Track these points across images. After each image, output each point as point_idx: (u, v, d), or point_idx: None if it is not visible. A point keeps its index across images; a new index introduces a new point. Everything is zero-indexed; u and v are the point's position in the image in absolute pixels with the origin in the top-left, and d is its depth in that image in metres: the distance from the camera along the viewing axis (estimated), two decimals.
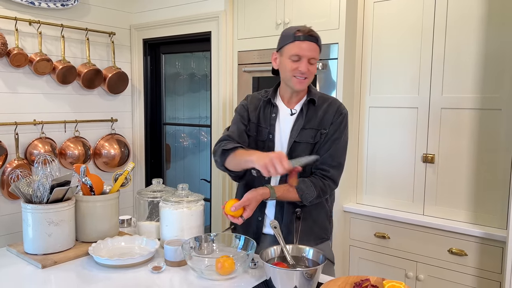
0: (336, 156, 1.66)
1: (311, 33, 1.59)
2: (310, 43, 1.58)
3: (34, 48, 2.93)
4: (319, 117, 1.66)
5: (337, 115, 1.66)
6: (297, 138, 1.65)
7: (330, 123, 1.65)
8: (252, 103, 1.78)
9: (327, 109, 1.67)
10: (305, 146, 1.65)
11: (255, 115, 1.74)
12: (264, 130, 1.71)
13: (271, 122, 1.71)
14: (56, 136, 3.08)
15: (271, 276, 1.34)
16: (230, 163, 1.62)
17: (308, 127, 1.66)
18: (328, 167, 1.65)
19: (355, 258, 2.60)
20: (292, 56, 1.59)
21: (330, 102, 1.69)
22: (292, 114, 1.70)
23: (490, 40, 2.16)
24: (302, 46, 1.57)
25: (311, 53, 1.58)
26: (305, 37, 1.57)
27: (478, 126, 2.23)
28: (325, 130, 1.65)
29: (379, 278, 1.31)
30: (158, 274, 1.50)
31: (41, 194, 1.62)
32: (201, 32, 3.09)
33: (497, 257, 2.12)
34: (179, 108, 3.76)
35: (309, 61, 1.59)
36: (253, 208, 1.55)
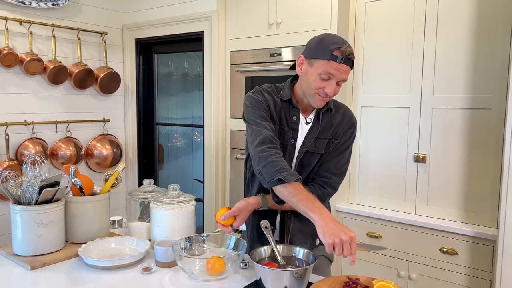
0: (340, 165, 1.62)
1: (349, 57, 1.44)
2: (346, 67, 1.44)
3: (25, 48, 2.90)
4: (334, 127, 1.59)
5: (349, 125, 1.61)
6: (310, 147, 1.57)
7: (342, 133, 1.60)
8: (270, 99, 1.57)
9: (341, 118, 1.60)
10: (316, 156, 1.59)
11: (276, 114, 1.57)
12: (287, 133, 1.58)
13: (293, 126, 1.58)
14: (48, 137, 3.05)
15: (261, 276, 1.34)
16: (281, 192, 1.43)
17: (322, 137, 1.58)
18: (331, 174, 1.60)
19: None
20: (323, 74, 1.44)
21: (344, 112, 1.62)
22: (307, 123, 1.59)
23: (481, 40, 2.18)
24: (337, 68, 1.43)
25: (344, 76, 1.46)
26: (341, 59, 1.42)
27: (469, 126, 2.24)
28: (336, 140, 1.59)
29: (369, 278, 1.31)
30: (149, 275, 1.49)
31: (30, 195, 1.61)
32: (194, 32, 3.09)
33: (487, 256, 2.13)
34: (172, 108, 3.75)
35: (337, 83, 1.48)
36: (244, 218, 1.54)
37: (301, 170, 1.60)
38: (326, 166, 1.60)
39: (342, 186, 2.64)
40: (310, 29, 2.53)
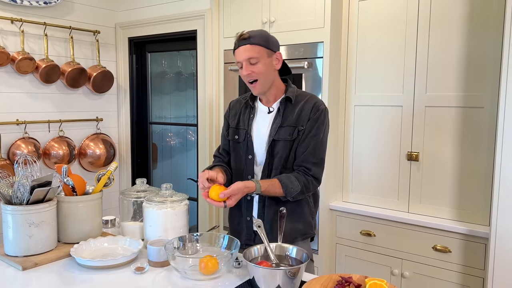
0: (317, 153, 1.67)
1: (242, 37, 1.61)
2: (244, 46, 1.61)
3: (17, 46, 2.88)
4: (296, 114, 1.67)
5: (313, 111, 1.66)
6: (275, 136, 1.67)
7: (307, 119, 1.66)
8: (234, 109, 1.84)
9: (304, 106, 1.68)
10: (284, 143, 1.67)
11: (234, 119, 1.80)
12: (242, 131, 1.75)
13: (249, 122, 1.74)
14: (40, 136, 3.03)
15: (255, 276, 1.34)
16: None
17: (286, 125, 1.67)
18: (310, 165, 1.66)
19: (342, 256, 2.61)
20: (237, 64, 1.66)
21: (307, 99, 1.70)
22: (269, 112, 1.72)
23: (473, 39, 2.19)
24: (237, 52, 1.63)
25: (246, 54, 1.60)
26: (238, 44, 1.62)
27: (461, 124, 2.25)
28: (302, 127, 1.66)
29: (362, 276, 1.32)
30: (141, 275, 1.49)
31: (21, 195, 1.59)
32: (187, 31, 3.08)
33: (480, 254, 2.14)
34: (166, 107, 3.74)
35: (249, 62, 1.61)
36: (238, 198, 1.57)
37: (272, 160, 1.69)
38: (304, 157, 1.66)
39: (336, 184, 2.65)
40: (303, 28, 2.53)
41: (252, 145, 1.73)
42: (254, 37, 1.61)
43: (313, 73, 2.52)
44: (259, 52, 1.61)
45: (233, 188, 1.55)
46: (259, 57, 1.61)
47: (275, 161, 1.68)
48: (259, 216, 1.73)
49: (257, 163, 1.73)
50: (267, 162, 1.69)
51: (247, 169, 1.75)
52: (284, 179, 1.63)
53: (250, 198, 1.75)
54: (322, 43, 2.46)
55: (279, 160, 1.68)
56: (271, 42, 1.65)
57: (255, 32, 1.63)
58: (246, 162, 1.75)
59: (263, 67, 1.62)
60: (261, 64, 1.61)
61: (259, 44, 1.61)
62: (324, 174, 2.49)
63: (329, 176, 2.57)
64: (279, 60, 1.68)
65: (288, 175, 1.64)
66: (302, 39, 2.54)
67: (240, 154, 1.77)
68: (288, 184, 1.62)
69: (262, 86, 1.65)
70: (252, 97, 1.78)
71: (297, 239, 1.70)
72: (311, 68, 2.52)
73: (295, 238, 1.69)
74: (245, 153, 1.75)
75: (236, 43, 1.63)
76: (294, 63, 2.55)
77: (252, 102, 1.77)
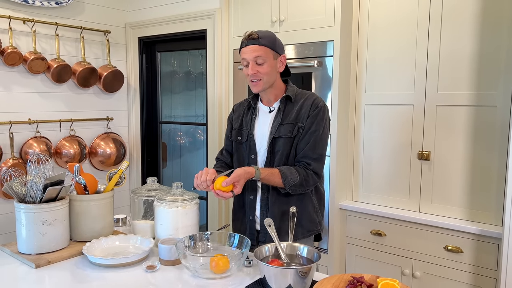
0: (316, 148, 1.69)
1: (251, 36, 1.64)
2: (252, 46, 1.63)
3: (28, 46, 2.91)
4: (296, 112, 1.70)
5: (313, 108, 1.69)
6: (276, 133, 1.70)
7: (307, 116, 1.69)
8: (237, 111, 1.89)
9: (303, 103, 1.71)
10: (284, 140, 1.70)
11: (238, 121, 1.84)
12: (244, 132, 1.80)
13: (251, 123, 1.79)
14: (52, 135, 3.06)
15: (265, 274, 1.34)
16: None
17: (286, 122, 1.70)
18: (310, 160, 1.68)
19: (352, 255, 2.59)
20: (243, 62, 1.68)
21: (307, 97, 1.73)
22: (270, 111, 1.76)
23: (485, 36, 2.16)
24: (244, 51, 1.66)
25: (253, 54, 1.63)
26: (246, 42, 1.65)
27: (473, 123, 2.23)
28: (302, 124, 1.69)
29: (374, 276, 1.31)
30: (153, 273, 1.49)
31: (34, 193, 1.61)
32: (197, 30, 3.08)
33: (492, 254, 2.12)
34: (175, 106, 3.75)
35: (256, 62, 1.64)
36: (242, 184, 1.60)
37: (273, 157, 1.72)
38: (304, 152, 1.68)
39: (346, 183, 2.64)
40: (313, 27, 2.52)
41: (254, 144, 1.77)
42: (263, 38, 1.64)
43: (323, 72, 2.51)
44: (266, 53, 1.64)
45: (234, 176, 1.59)
46: (266, 58, 1.64)
47: (276, 159, 1.72)
48: (262, 215, 1.75)
49: (259, 161, 1.76)
50: (268, 159, 1.73)
51: None
52: (284, 169, 1.66)
53: (253, 198, 1.77)
54: (332, 41, 2.45)
55: (280, 158, 1.71)
56: (277, 44, 1.69)
57: (264, 33, 1.65)
58: (249, 162, 1.78)
59: (268, 68, 1.65)
60: (267, 65, 1.65)
61: (267, 45, 1.64)
62: (334, 173, 2.51)
63: (339, 175, 2.56)
64: (283, 63, 1.73)
65: (289, 167, 1.68)
66: (311, 38, 2.53)
67: (243, 155, 1.81)
68: (287, 174, 1.64)
69: (264, 85, 1.69)
70: (253, 99, 1.82)
71: (298, 236, 1.70)
72: (321, 67, 2.51)
73: (298, 234, 1.70)
74: (248, 153, 1.78)
75: (244, 41, 1.66)
76: (303, 62, 2.55)
77: (254, 103, 1.81)
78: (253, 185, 1.77)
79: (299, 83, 2.59)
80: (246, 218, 1.81)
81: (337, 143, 2.50)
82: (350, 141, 2.64)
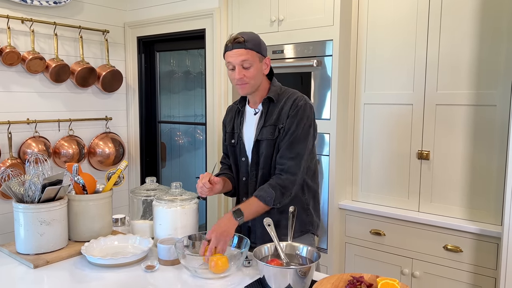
0: (293, 148, 1.66)
1: (237, 40, 1.61)
2: (238, 50, 1.61)
3: (27, 46, 2.90)
4: (277, 113, 1.69)
5: (292, 109, 1.67)
6: (259, 136, 1.70)
7: (287, 117, 1.67)
8: (229, 114, 1.88)
9: (284, 104, 1.70)
10: (267, 142, 1.69)
11: (230, 125, 1.85)
12: (236, 134, 1.81)
13: (240, 126, 1.80)
14: (50, 135, 3.05)
15: (265, 274, 1.33)
16: None
17: (268, 124, 1.69)
18: (285, 160, 1.65)
19: (351, 255, 2.59)
20: (228, 65, 1.66)
21: (288, 97, 1.71)
22: (255, 113, 1.76)
23: (485, 36, 2.16)
24: (230, 54, 1.63)
25: (240, 58, 1.60)
26: (232, 46, 1.62)
27: (473, 122, 2.22)
28: (282, 125, 1.67)
29: (373, 276, 1.30)
30: (152, 273, 1.49)
31: (32, 193, 1.61)
32: (196, 30, 3.08)
33: (492, 253, 2.12)
34: (174, 106, 3.74)
35: (243, 66, 1.62)
36: (226, 241, 1.54)
37: (258, 159, 1.72)
38: (281, 153, 1.67)
39: (345, 183, 2.64)
40: (312, 26, 2.51)
41: (244, 147, 1.77)
42: (248, 41, 1.62)
43: (322, 72, 2.51)
44: (253, 57, 1.63)
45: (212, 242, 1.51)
46: (252, 62, 1.63)
47: (261, 161, 1.71)
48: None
49: (249, 164, 1.76)
50: (254, 161, 1.73)
51: (241, 170, 1.79)
52: (258, 192, 1.63)
53: (245, 199, 1.75)
54: (332, 41, 2.45)
55: (265, 159, 1.70)
56: (262, 47, 1.68)
57: (249, 35, 1.64)
58: (240, 164, 1.79)
59: (254, 71, 1.64)
60: (253, 69, 1.64)
61: (253, 49, 1.63)
62: (333, 172, 2.51)
63: (339, 174, 2.55)
64: (268, 65, 1.72)
65: (261, 187, 1.65)
66: (311, 37, 2.53)
67: (235, 157, 1.82)
68: (262, 195, 1.61)
69: (251, 88, 1.68)
70: (241, 102, 1.82)
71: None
72: (320, 67, 2.50)
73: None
74: (239, 155, 1.79)
75: (230, 45, 1.63)
76: (303, 61, 2.54)
77: (241, 106, 1.81)
78: (245, 187, 1.76)
79: (298, 82, 2.59)
80: None
81: (337, 143, 2.50)
82: (349, 141, 2.64)
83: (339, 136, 2.52)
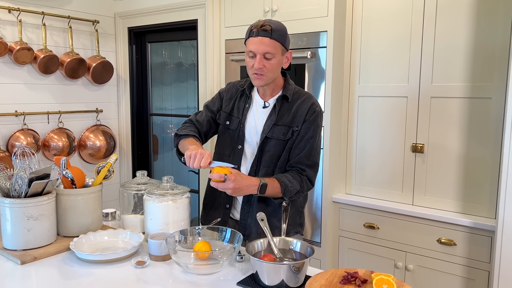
0: (311, 156, 1.64)
1: (263, 28, 1.53)
2: (263, 38, 1.53)
3: (14, 36, 2.83)
4: (292, 114, 1.64)
5: (310, 113, 1.63)
6: (269, 133, 1.64)
7: (303, 121, 1.63)
8: (230, 92, 1.78)
9: (300, 105, 1.64)
10: (276, 142, 1.64)
11: (229, 104, 1.75)
12: (235, 119, 1.72)
13: (244, 112, 1.71)
14: (39, 128, 3.00)
15: (258, 270, 1.31)
16: (180, 147, 1.72)
17: (280, 124, 1.64)
18: (304, 166, 1.63)
19: (345, 248, 2.58)
20: (248, 53, 1.58)
21: (304, 99, 1.66)
22: (265, 107, 1.68)
23: (481, 28, 2.13)
24: (253, 41, 1.55)
25: (263, 48, 1.53)
26: (257, 33, 1.54)
27: (468, 115, 2.21)
28: (297, 128, 1.63)
29: (368, 271, 1.28)
30: (142, 269, 1.46)
31: (19, 187, 1.56)
32: (188, 20, 3.02)
33: (486, 247, 2.11)
34: (166, 98, 3.69)
35: (264, 57, 1.54)
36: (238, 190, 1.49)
37: (262, 156, 1.66)
38: (298, 158, 1.62)
39: (339, 176, 2.62)
40: (306, 17, 2.47)
41: (243, 136, 1.70)
42: (275, 31, 1.54)
43: (316, 63, 2.47)
44: (276, 49, 1.56)
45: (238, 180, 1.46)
46: (275, 54, 1.56)
47: (264, 158, 1.66)
48: (243, 209, 1.71)
49: (246, 155, 1.71)
50: (257, 157, 1.67)
51: (234, 158, 1.72)
52: (282, 177, 1.58)
53: None
54: (326, 32, 2.41)
55: (270, 158, 1.65)
56: (287, 40, 1.60)
57: (276, 24, 1.56)
58: (234, 151, 1.72)
59: (275, 64, 1.57)
60: (275, 61, 1.57)
61: (279, 40, 1.55)
62: (327, 165, 2.48)
63: (332, 168, 2.53)
64: (289, 59, 1.65)
65: (285, 175, 1.60)
66: (305, 28, 2.49)
67: (229, 142, 1.74)
68: (287, 184, 1.57)
69: (267, 80, 1.61)
70: (249, 86, 1.73)
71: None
72: (314, 58, 2.47)
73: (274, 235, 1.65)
74: (236, 142, 1.72)
75: (255, 31, 1.54)
76: (296, 53, 2.51)
77: (249, 92, 1.73)
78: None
79: (291, 74, 2.55)
80: (222, 206, 1.75)
81: (330, 136, 2.47)
82: (343, 133, 2.61)
83: (333, 129, 2.50)
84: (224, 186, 1.47)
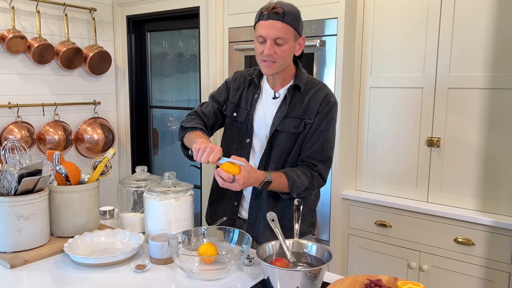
0: (324, 150, 1.52)
1: (275, 10, 1.40)
2: (274, 22, 1.41)
3: (7, 24, 2.70)
4: (305, 105, 1.52)
5: (324, 104, 1.51)
6: (279, 126, 1.53)
7: (316, 112, 1.51)
8: (237, 81, 1.67)
9: (313, 96, 1.52)
10: (287, 135, 1.53)
11: (236, 95, 1.64)
12: (243, 111, 1.61)
13: (253, 103, 1.59)
14: (34, 120, 2.87)
15: (270, 276, 1.19)
16: (186, 140, 1.60)
17: (292, 116, 1.53)
18: (316, 161, 1.52)
19: (355, 247, 2.47)
20: (258, 38, 1.46)
21: (317, 89, 1.54)
22: (275, 97, 1.56)
23: (503, 14, 2.01)
24: (264, 25, 1.42)
25: (275, 33, 1.41)
26: (268, 16, 1.41)
27: (488, 107, 2.08)
28: (310, 120, 1.51)
29: (392, 278, 1.16)
30: (142, 274, 1.34)
31: (8, 184, 1.44)
32: (189, 8, 2.89)
33: (506, 247, 2.00)
34: (167, 90, 3.57)
35: (275, 42, 1.42)
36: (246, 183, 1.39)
37: (272, 150, 1.55)
38: (310, 153, 1.52)
39: (349, 172, 2.50)
40: (315, 3, 2.34)
41: (252, 128, 1.59)
42: (288, 14, 1.41)
43: (325, 52, 2.34)
44: (288, 34, 1.43)
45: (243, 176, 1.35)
46: (287, 39, 1.43)
47: (273, 153, 1.55)
48: (251, 205, 1.60)
49: (254, 149, 1.59)
50: (266, 151, 1.56)
51: (241, 152, 1.60)
52: (290, 172, 1.48)
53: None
54: (336, 19, 2.28)
55: (280, 152, 1.54)
56: (301, 24, 1.48)
57: (289, 7, 1.43)
58: (242, 145, 1.60)
59: (287, 50, 1.45)
60: (286, 47, 1.44)
61: (291, 24, 1.43)
62: (337, 160, 2.36)
63: (342, 163, 2.41)
64: (301, 46, 1.52)
65: (294, 169, 1.49)
66: (314, 15, 2.35)
67: (236, 134, 1.62)
68: (295, 179, 1.46)
69: (278, 68, 1.48)
70: (258, 75, 1.61)
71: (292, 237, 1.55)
72: (323, 47, 2.34)
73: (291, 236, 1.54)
74: (244, 135, 1.60)
75: (266, 13, 1.42)
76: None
77: (258, 81, 1.61)
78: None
79: None
80: (230, 203, 1.64)
81: (340, 129, 2.35)
82: (353, 127, 2.49)
83: (343, 122, 2.37)
84: (230, 186, 1.36)
